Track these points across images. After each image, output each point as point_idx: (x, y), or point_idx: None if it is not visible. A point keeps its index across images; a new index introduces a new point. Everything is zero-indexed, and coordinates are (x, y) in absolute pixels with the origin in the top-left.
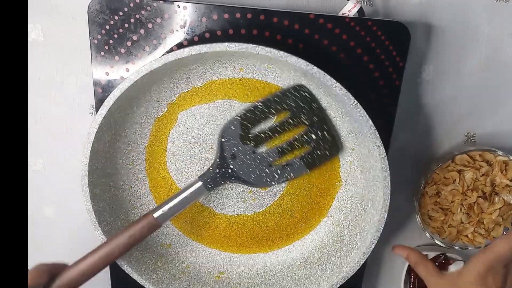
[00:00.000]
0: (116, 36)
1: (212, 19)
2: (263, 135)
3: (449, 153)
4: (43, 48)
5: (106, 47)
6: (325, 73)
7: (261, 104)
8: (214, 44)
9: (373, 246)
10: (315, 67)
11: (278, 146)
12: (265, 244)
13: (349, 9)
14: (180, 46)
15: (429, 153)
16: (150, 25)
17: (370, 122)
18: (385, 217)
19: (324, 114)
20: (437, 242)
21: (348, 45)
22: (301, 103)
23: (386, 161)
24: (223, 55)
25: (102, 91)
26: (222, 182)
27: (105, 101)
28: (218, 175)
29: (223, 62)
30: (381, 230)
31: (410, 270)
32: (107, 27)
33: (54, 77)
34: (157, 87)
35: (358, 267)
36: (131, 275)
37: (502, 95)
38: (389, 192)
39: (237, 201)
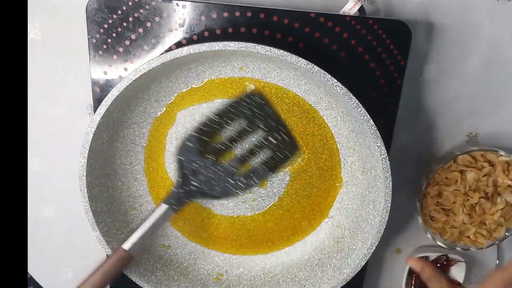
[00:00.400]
0: (114, 35)
1: (211, 18)
2: (222, 147)
3: (451, 153)
4: (41, 48)
5: (105, 46)
6: (325, 72)
7: (216, 117)
8: (213, 43)
9: (374, 248)
10: (315, 66)
11: (239, 155)
12: (265, 245)
13: (350, 8)
14: (179, 45)
15: (430, 152)
16: (148, 24)
17: (371, 122)
18: (387, 218)
19: (279, 117)
20: (439, 243)
21: (349, 43)
22: (256, 110)
23: (388, 161)
24: (222, 54)
25: (100, 90)
26: (187, 201)
27: (103, 100)
28: (181, 194)
29: (222, 61)
30: (382, 231)
31: (411, 272)
32: (106, 26)
33: (53, 76)
34: (156, 87)
35: (359, 269)
36: (130, 277)
37: (504, 94)
38: (391, 193)
39: (236, 202)
